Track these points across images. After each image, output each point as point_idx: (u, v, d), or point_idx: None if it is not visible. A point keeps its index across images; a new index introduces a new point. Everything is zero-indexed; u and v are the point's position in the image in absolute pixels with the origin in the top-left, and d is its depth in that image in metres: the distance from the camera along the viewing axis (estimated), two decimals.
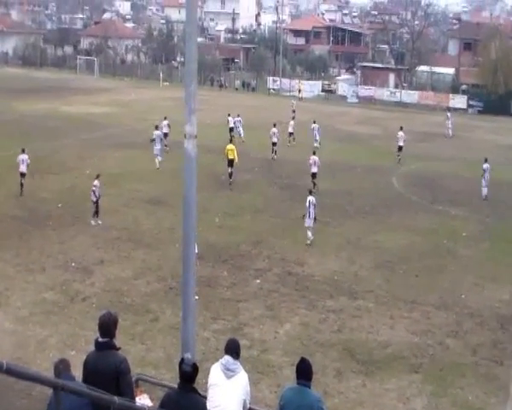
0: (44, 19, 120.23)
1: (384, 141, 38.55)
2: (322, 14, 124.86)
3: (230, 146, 28.07)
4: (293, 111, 42.86)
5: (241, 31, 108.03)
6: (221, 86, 68.76)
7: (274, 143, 32.74)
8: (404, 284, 17.58)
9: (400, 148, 33.79)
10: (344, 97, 64.09)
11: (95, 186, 21.38)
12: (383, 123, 46.56)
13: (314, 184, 25.77)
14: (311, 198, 20.08)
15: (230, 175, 27.33)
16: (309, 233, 20.13)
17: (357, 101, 62.80)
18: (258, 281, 17.27)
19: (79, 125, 39.45)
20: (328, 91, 65.83)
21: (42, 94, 52.14)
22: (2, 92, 50.39)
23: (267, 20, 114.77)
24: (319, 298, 16.34)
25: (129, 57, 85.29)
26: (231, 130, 36.93)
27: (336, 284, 17.32)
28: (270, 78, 69.78)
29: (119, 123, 41.13)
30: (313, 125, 35.62)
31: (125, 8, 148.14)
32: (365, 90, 64.28)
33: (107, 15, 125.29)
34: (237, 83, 70.36)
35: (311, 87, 66.67)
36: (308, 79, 72.20)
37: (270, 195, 26.03)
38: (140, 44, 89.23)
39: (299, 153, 32.89)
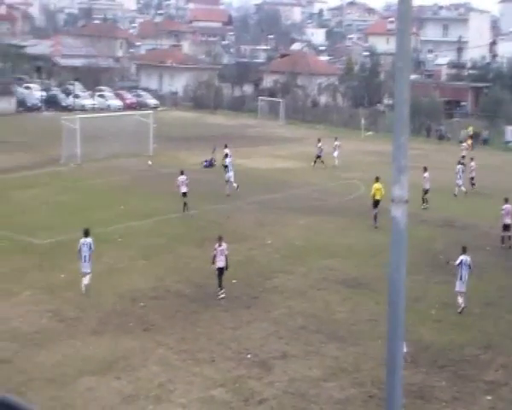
0: (221, 51, 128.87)
1: None
2: None
3: (378, 185, 32.58)
4: (463, 157, 46.60)
5: (469, 65, 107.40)
6: (441, 137, 68.67)
7: (426, 191, 36.36)
8: None
9: None
10: None
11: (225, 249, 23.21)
12: None
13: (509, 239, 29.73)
14: (464, 258, 22.05)
15: (375, 217, 32.02)
16: (459, 300, 21.92)
17: None
18: (489, 398, 16.92)
19: (258, 183, 41.56)
20: None
21: (214, 143, 55.66)
22: (168, 141, 54.75)
23: (506, 49, 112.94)
24: None
25: (322, 99, 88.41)
26: (319, 157, 47.28)
27: None
28: (509, 127, 68.34)
29: (307, 182, 42.72)
30: (458, 166, 40.82)
31: (318, 37, 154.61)
32: None
33: (296, 46, 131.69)
34: (463, 133, 69.75)
35: None
36: None
37: (508, 283, 25.41)
38: (337, 83, 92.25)
39: None
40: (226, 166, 39.20)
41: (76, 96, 78.34)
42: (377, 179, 32.81)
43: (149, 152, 49.19)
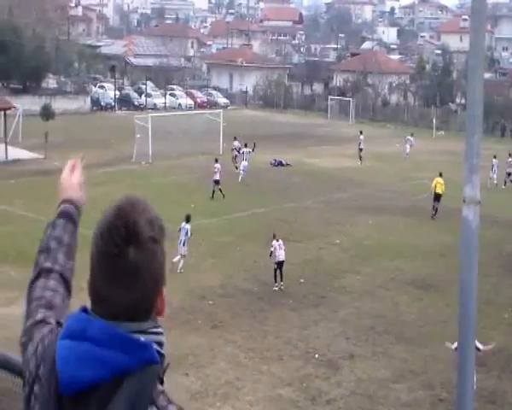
0: (291, 50, 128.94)
1: None
2: None
3: (439, 179, 34.09)
4: None
5: None
6: None
7: (509, 174, 41.06)
8: None
9: None
10: None
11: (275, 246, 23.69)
12: None
13: None
14: None
15: (436, 210, 33.64)
16: None
17: None
18: None
19: (327, 181, 41.46)
20: None
21: (283, 142, 55.78)
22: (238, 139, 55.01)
23: None
24: None
25: (393, 98, 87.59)
26: (361, 150, 49.32)
27: None
28: None
29: (376, 181, 42.40)
30: (494, 160, 41.71)
31: (389, 35, 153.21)
32: None
33: (366, 45, 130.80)
34: None
35: None
36: None
37: None
38: (408, 81, 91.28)
39: None
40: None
41: (148, 95, 79.42)
42: (440, 175, 34.35)
43: (219, 151, 49.48)
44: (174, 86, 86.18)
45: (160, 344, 2.18)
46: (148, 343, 2.09)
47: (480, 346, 14.40)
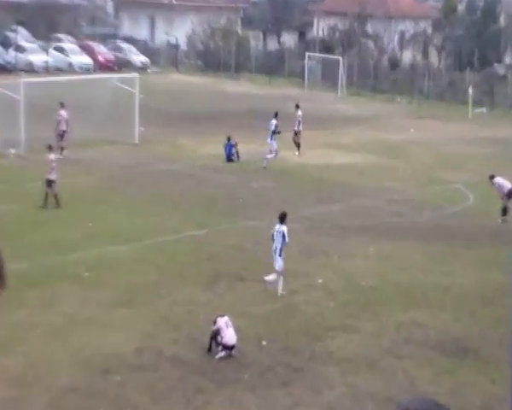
0: None
1: None
2: None
3: None
4: None
5: None
6: None
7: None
8: None
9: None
10: None
11: None
12: None
13: None
14: None
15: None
16: None
17: None
18: None
19: (307, 187, 41.78)
20: None
21: (237, 125, 55.79)
22: (165, 121, 55.00)
23: None
24: None
25: (406, 56, 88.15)
26: (296, 134, 51.28)
27: None
28: None
29: (381, 186, 42.66)
30: None
31: None
32: None
33: None
34: None
35: None
36: None
37: None
38: (430, 31, 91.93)
39: None
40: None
41: (19, 50, 78.97)
42: None
43: (134, 138, 49.32)
44: (62, 36, 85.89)
45: None
46: None
47: None
